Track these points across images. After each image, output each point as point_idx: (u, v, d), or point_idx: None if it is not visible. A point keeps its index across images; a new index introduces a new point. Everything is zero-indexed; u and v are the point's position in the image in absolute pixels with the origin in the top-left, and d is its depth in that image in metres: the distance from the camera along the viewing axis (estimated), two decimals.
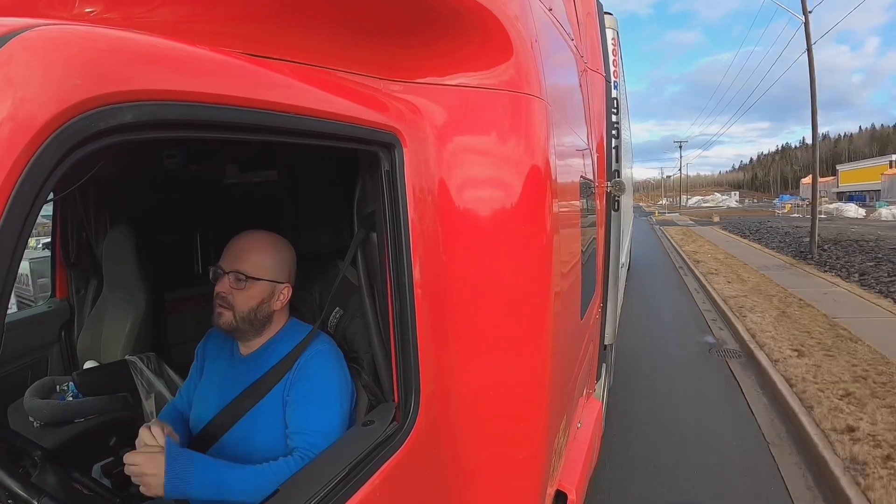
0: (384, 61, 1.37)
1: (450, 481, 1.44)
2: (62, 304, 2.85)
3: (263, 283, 1.46)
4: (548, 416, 1.56)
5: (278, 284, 1.49)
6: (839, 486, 3.54)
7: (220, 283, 1.44)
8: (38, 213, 0.63)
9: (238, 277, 1.42)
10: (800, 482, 3.83)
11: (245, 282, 1.43)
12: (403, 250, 1.25)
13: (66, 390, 2.32)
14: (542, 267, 1.48)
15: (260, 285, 1.45)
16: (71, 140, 0.62)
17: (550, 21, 1.89)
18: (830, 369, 5.47)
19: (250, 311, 1.46)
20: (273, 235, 1.53)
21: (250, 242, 1.48)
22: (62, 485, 1.23)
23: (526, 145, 1.44)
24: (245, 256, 1.45)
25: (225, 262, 1.45)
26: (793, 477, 3.90)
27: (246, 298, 1.44)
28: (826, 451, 3.91)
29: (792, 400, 4.85)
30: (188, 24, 1.18)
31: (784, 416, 4.81)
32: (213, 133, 0.84)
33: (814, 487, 3.76)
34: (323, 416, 1.37)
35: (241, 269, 1.43)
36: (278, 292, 1.50)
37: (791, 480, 3.85)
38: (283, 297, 1.51)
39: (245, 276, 1.43)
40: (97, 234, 2.76)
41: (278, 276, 1.49)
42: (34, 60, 0.60)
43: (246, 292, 1.44)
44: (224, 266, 1.44)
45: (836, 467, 3.71)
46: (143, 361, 2.45)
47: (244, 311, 1.45)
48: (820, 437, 4.11)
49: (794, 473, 3.95)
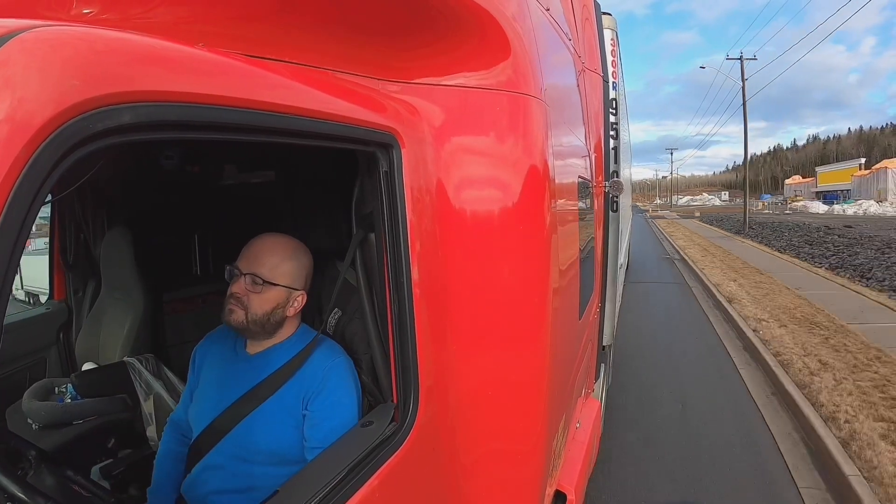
0: (382, 62, 1.37)
1: (449, 481, 1.44)
2: (60, 306, 2.84)
3: (280, 289, 1.45)
4: (546, 416, 1.57)
5: (294, 291, 1.48)
6: (720, 304, 9.03)
7: (235, 283, 1.43)
8: (37, 215, 0.63)
9: (255, 280, 1.41)
10: (704, 302, 9.93)
11: (262, 286, 1.42)
12: (402, 251, 1.25)
13: (64, 392, 2.32)
14: (540, 267, 1.48)
15: (276, 290, 1.44)
16: (69, 141, 0.62)
17: (548, 21, 1.89)
18: (727, 275, 11.80)
19: (264, 315, 1.44)
20: (293, 241, 1.52)
21: (271, 246, 1.46)
22: (61, 486, 1.22)
23: (524, 145, 1.45)
24: (264, 260, 1.43)
25: (242, 263, 1.44)
26: (700, 300, 10.03)
27: (261, 302, 1.43)
28: (718, 296, 9.66)
29: (696, 268, 13.47)
30: (186, 24, 1.18)
31: (691, 273, 12.97)
32: (210, 134, 0.84)
33: (713, 307, 9.35)
34: (344, 431, 1.36)
35: (258, 273, 1.41)
36: (293, 299, 1.48)
37: (699, 300, 10.15)
38: (297, 303, 1.50)
39: (262, 280, 1.41)
40: (95, 235, 2.75)
41: (295, 282, 1.48)
42: (32, 62, 0.60)
43: (262, 296, 1.43)
44: (241, 267, 1.43)
45: (721, 298, 9.33)
46: (141, 363, 2.45)
47: (258, 315, 1.44)
48: (716, 295, 9.82)
49: (704, 304, 9.66)
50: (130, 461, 2.06)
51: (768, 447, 4.20)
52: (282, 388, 1.45)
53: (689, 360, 6.39)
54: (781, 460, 4.00)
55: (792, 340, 6.37)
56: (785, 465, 3.92)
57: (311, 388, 1.43)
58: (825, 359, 5.61)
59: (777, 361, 5.76)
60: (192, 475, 1.52)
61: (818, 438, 4.05)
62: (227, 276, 1.46)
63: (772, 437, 4.35)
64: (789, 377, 5.27)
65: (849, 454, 3.73)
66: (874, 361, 5.48)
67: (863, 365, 5.40)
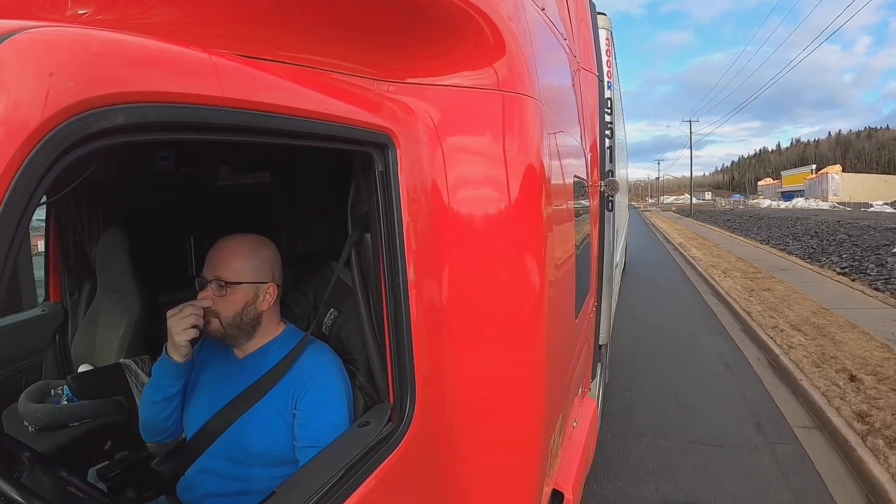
0: (377, 62, 1.37)
1: (446, 481, 1.44)
2: (56, 308, 2.83)
3: (245, 286, 1.45)
4: (543, 414, 1.57)
5: (261, 285, 1.48)
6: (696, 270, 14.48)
7: (203, 293, 1.44)
8: (32, 217, 0.63)
9: (219, 285, 1.42)
10: (661, 237, 24.48)
11: (226, 288, 1.43)
12: (398, 251, 1.25)
13: (60, 394, 2.31)
14: (536, 266, 1.49)
15: (241, 289, 1.45)
16: (64, 142, 0.62)
17: (543, 21, 1.89)
18: (671, 227, 29.85)
19: (235, 316, 1.45)
20: (250, 237, 1.52)
21: (227, 249, 1.47)
22: (57, 488, 1.22)
23: (519, 145, 1.45)
24: (224, 264, 1.44)
25: (207, 272, 1.45)
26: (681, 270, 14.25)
27: (229, 304, 1.44)
28: (666, 235, 24.80)
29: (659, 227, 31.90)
30: (181, 25, 1.18)
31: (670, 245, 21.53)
32: (206, 135, 0.84)
33: (663, 240, 22.96)
34: (334, 430, 1.37)
35: (220, 276, 1.43)
36: (262, 292, 1.49)
37: (658, 238, 24.11)
38: (268, 296, 1.50)
39: (225, 283, 1.43)
40: (91, 236, 2.74)
41: (259, 276, 1.48)
42: (27, 63, 0.60)
43: (228, 298, 1.44)
44: (206, 275, 1.45)
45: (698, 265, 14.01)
46: (137, 364, 2.44)
47: (229, 317, 1.45)
48: (666, 234, 24.12)
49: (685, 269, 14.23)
50: (127, 463, 2.05)
51: (687, 284, 11.68)
52: (272, 391, 1.46)
53: (658, 259, 16.20)
54: (693, 287, 11.13)
55: (700, 253, 15.72)
56: (697, 291, 10.74)
57: (299, 387, 1.44)
58: (712, 257, 14.98)
59: (689, 256, 15.21)
60: (186, 478, 1.53)
61: (717, 290, 10.37)
62: (198, 286, 1.47)
63: (696, 290, 10.85)
64: (699, 269, 12.89)
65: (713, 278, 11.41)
66: (740, 260, 13.86)
67: (731, 262, 13.56)
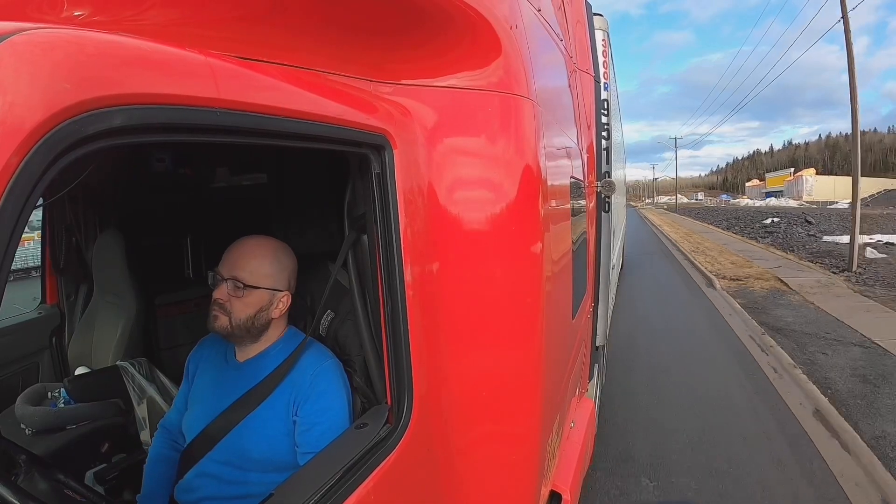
0: (373, 63, 1.37)
1: (444, 483, 1.44)
2: (53, 311, 2.82)
3: (262, 292, 1.44)
4: (541, 415, 1.57)
5: (277, 293, 1.47)
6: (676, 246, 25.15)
7: (218, 289, 1.42)
8: (28, 219, 0.63)
9: (236, 285, 1.40)
10: (651, 225, 38.03)
11: (243, 290, 1.41)
12: (394, 252, 1.25)
13: (57, 397, 2.31)
14: (532, 267, 1.49)
15: (258, 293, 1.43)
16: (60, 144, 0.62)
17: (539, 22, 1.89)
18: (678, 232, 28.96)
19: (247, 319, 1.44)
20: (274, 242, 1.51)
21: (250, 249, 1.45)
22: (54, 491, 1.22)
23: (516, 146, 1.45)
24: (244, 264, 1.42)
25: (224, 268, 1.43)
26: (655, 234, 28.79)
27: (243, 306, 1.42)
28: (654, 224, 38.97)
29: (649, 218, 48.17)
30: (177, 27, 1.18)
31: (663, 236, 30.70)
32: (202, 136, 0.84)
33: (650, 226, 37.43)
34: (336, 436, 1.36)
35: (239, 277, 1.41)
36: (277, 300, 1.48)
37: (655, 234, 29.52)
38: (281, 305, 1.49)
39: (243, 284, 1.41)
40: (87, 238, 2.74)
41: (277, 284, 1.47)
42: (22, 65, 0.60)
43: (243, 300, 1.42)
44: (223, 272, 1.42)
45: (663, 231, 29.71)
46: (134, 367, 2.44)
47: (241, 319, 1.43)
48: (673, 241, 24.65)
49: (657, 234, 28.74)
50: (124, 466, 2.05)
51: (655, 238, 25.72)
52: (272, 395, 1.44)
53: (645, 235, 27.66)
54: (658, 239, 24.77)
55: (667, 228, 31.25)
56: (661, 241, 23.92)
57: (300, 393, 1.43)
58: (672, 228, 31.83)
59: (661, 230, 30.25)
60: (185, 481, 1.51)
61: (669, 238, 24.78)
62: (210, 282, 1.45)
63: (659, 240, 23.99)
64: (664, 232, 28.41)
65: None
66: (689, 231, 28.86)
67: (682, 230, 29.97)
